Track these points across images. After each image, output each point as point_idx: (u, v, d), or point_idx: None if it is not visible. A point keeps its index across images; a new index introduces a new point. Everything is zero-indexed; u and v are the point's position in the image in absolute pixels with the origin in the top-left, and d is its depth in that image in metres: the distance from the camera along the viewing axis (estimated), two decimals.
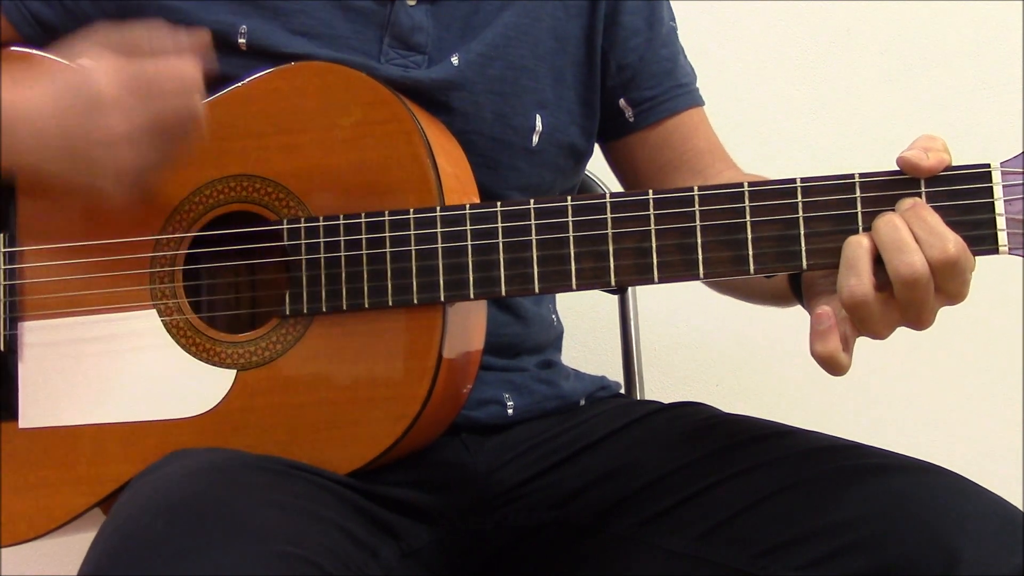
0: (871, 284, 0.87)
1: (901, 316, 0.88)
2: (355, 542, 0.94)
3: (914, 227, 0.87)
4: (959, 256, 0.86)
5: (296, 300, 1.02)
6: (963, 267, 0.86)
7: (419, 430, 1.00)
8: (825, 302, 0.92)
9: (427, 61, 1.12)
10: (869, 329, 0.89)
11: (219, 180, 1.05)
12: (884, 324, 0.88)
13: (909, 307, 0.87)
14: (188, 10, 1.09)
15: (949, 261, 0.86)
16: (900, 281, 0.86)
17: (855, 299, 0.87)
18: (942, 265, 0.86)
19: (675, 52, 1.25)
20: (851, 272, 0.87)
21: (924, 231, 0.86)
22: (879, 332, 0.89)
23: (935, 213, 0.87)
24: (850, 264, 0.88)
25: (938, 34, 1.77)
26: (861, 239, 0.88)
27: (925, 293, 0.86)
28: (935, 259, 0.86)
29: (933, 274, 0.86)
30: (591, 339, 1.71)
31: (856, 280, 0.87)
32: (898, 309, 0.88)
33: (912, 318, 0.88)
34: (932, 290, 0.87)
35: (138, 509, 0.89)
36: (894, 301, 0.87)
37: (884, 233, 0.87)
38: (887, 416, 1.74)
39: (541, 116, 1.15)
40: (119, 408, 1.06)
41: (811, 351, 0.90)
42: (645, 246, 0.94)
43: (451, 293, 0.98)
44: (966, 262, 0.87)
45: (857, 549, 0.90)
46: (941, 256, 0.86)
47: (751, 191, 0.91)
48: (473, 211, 0.98)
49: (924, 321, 0.88)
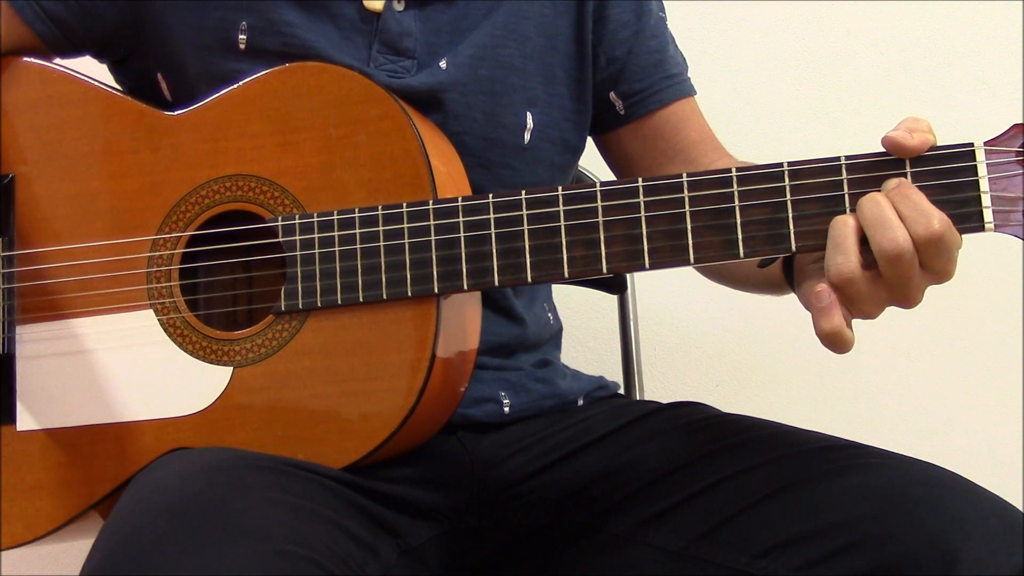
0: (858, 262, 0.87)
1: (889, 295, 0.89)
2: (355, 540, 0.94)
3: (898, 205, 0.87)
4: (943, 232, 0.86)
5: (291, 296, 1.02)
6: (948, 244, 0.87)
7: (415, 425, 1.00)
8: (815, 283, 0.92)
9: (416, 66, 1.12)
10: (858, 308, 0.89)
11: (215, 180, 1.06)
12: (872, 303, 0.89)
13: (895, 285, 0.88)
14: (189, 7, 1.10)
15: (933, 237, 0.86)
16: (884, 257, 0.87)
17: (843, 277, 0.88)
18: (926, 241, 0.86)
19: (664, 43, 1.25)
20: (837, 251, 0.88)
21: (909, 208, 0.87)
22: (868, 311, 0.89)
23: (920, 192, 0.88)
24: (836, 243, 0.88)
25: (938, 34, 1.78)
26: (847, 219, 0.89)
27: (910, 269, 0.87)
28: (919, 235, 0.86)
29: (917, 251, 0.87)
30: (591, 339, 1.71)
31: (843, 258, 0.88)
32: (885, 288, 0.88)
33: (899, 296, 0.89)
34: (917, 266, 0.87)
35: (139, 509, 0.89)
36: (881, 280, 0.88)
37: (867, 210, 0.88)
38: (887, 416, 1.73)
39: (532, 114, 1.16)
40: (116, 408, 1.06)
41: (816, 330, 0.90)
42: (635, 233, 0.94)
43: (445, 284, 0.98)
44: (951, 239, 0.87)
45: (856, 549, 0.90)
46: (925, 232, 0.86)
47: (739, 176, 0.92)
48: (465, 203, 0.98)
49: (911, 299, 0.89)
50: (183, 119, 1.08)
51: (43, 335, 1.09)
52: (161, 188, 1.07)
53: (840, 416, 1.69)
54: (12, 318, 1.10)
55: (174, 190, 1.07)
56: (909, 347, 1.70)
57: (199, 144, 1.07)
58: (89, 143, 1.10)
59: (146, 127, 1.09)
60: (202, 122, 1.07)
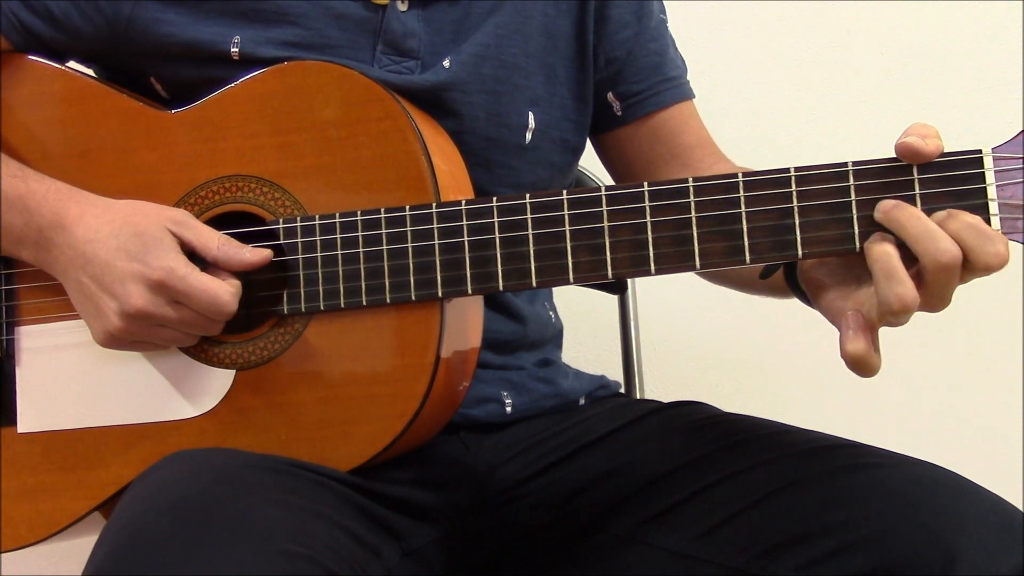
0: (914, 287, 0.87)
1: (924, 303, 0.88)
2: (358, 541, 0.94)
3: (946, 225, 0.87)
4: (991, 233, 0.86)
5: (294, 299, 1.02)
6: (994, 238, 0.87)
7: (418, 427, 1.00)
8: (836, 298, 0.92)
9: (420, 66, 1.12)
10: (899, 324, 0.89)
11: (214, 181, 1.05)
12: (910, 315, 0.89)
13: (935, 294, 0.88)
14: (178, 23, 1.09)
15: (984, 234, 0.86)
16: (939, 268, 0.86)
17: (906, 304, 0.86)
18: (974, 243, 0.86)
19: (664, 46, 1.25)
20: (894, 281, 0.87)
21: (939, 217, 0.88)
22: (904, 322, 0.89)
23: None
24: (889, 274, 0.87)
25: (938, 34, 1.78)
26: (886, 247, 0.88)
27: (955, 276, 0.87)
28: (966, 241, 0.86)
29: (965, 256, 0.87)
30: (591, 339, 1.71)
31: (902, 288, 0.86)
32: (924, 296, 0.88)
33: (936, 303, 0.88)
34: (959, 272, 0.87)
35: (142, 509, 0.89)
36: (922, 290, 0.87)
37: (913, 226, 0.87)
38: (887, 416, 1.74)
39: (534, 113, 1.16)
40: (118, 411, 1.06)
41: (842, 352, 0.89)
42: (641, 238, 0.94)
43: (449, 289, 0.98)
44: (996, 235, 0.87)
45: (856, 549, 0.90)
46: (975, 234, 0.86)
47: (745, 181, 0.92)
48: (469, 207, 0.98)
49: (946, 304, 0.89)
50: (182, 118, 1.08)
51: (43, 336, 1.09)
52: (160, 188, 1.06)
53: (840, 416, 1.69)
54: (12, 319, 1.10)
55: (173, 190, 1.06)
56: (909, 348, 1.70)
57: (198, 144, 1.06)
58: (86, 141, 1.09)
59: (144, 126, 1.08)
60: (201, 121, 1.07)
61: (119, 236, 1.00)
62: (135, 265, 0.99)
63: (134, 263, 0.99)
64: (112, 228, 1.01)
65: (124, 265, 0.99)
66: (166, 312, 0.99)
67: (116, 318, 1.00)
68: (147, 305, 0.99)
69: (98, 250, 1.01)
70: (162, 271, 0.98)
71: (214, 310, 0.99)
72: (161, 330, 1.01)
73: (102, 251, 1.00)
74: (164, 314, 0.99)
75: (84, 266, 1.01)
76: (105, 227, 1.01)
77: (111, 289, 1.00)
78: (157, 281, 0.98)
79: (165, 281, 0.98)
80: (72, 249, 1.02)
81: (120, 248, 1.00)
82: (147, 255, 0.99)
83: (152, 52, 1.10)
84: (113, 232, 1.01)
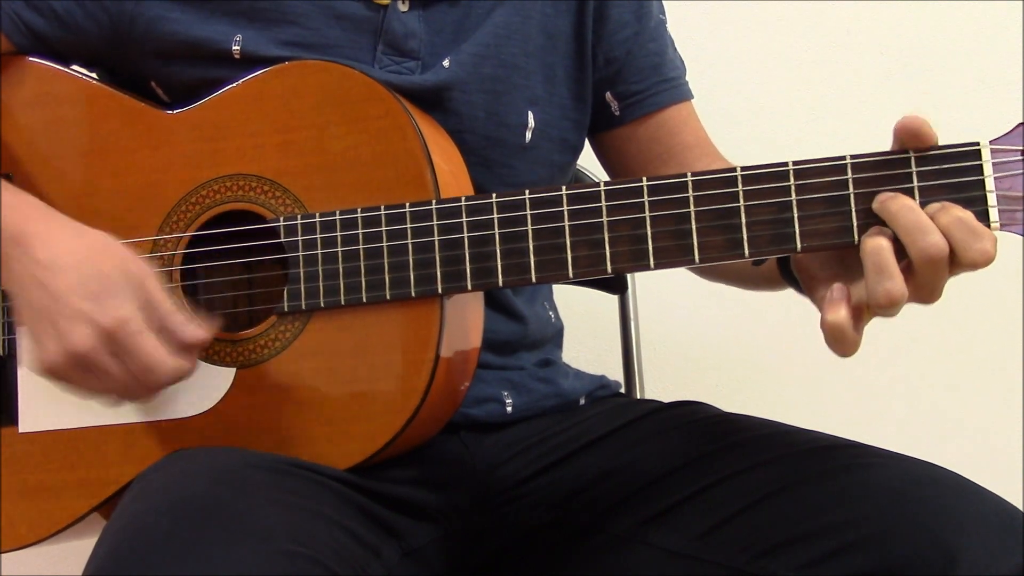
0: (903, 282, 0.87)
1: (914, 294, 0.88)
2: (358, 541, 0.94)
3: (937, 218, 0.87)
4: (976, 225, 0.86)
5: (294, 296, 1.02)
6: (981, 232, 0.87)
7: (418, 425, 1.00)
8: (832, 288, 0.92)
9: (420, 67, 1.12)
10: (890, 316, 0.89)
11: (215, 180, 1.06)
12: (901, 306, 0.89)
13: (925, 286, 0.88)
14: (182, 21, 1.09)
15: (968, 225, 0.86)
16: (928, 261, 0.86)
17: (894, 300, 0.87)
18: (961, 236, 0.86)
19: (663, 46, 1.25)
20: (883, 275, 0.87)
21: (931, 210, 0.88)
22: (894, 313, 0.89)
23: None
24: (880, 268, 0.87)
25: (938, 34, 1.78)
26: (880, 241, 0.88)
27: (945, 269, 0.87)
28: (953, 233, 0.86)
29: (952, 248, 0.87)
30: (591, 339, 1.71)
31: (891, 283, 0.87)
32: (912, 288, 0.88)
33: (926, 295, 0.88)
34: (947, 265, 0.87)
35: (143, 508, 0.89)
36: (911, 282, 0.88)
37: (903, 217, 0.87)
38: (887, 416, 1.74)
39: (533, 112, 1.16)
40: (119, 409, 1.05)
41: (821, 323, 0.89)
42: (640, 233, 0.94)
43: (448, 285, 0.98)
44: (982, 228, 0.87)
45: (857, 549, 0.90)
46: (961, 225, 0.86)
47: (744, 175, 0.92)
48: (469, 203, 0.98)
49: (937, 296, 0.89)
50: (183, 118, 1.08)
51: None
52: (161, 188, 1.07)
53: (840, 416, 1.69)
54: (12, 319, 1.10)
55: (174, 190, 1.07)
56: (909, 347, 1.70)
57: (199, 143, 1.07)
58: (88, 142, 1.10)
59: (145, 125, 1.09)
60: (202, 121, 1.07)
61: (80, 270, 0.96)
62: (89, 305, 0.94)
63: (88, 303, 0.94)
64: (74, 259, 0.96)
65: (78, 303, 0.94)
66: (106, 363, 0.95)
67: (55, 354, 0.95)
68: (89, 351, 0.94)
69: (55, 278, 0.96)
70: (115, 321, 0.94)
71: (149, 377, 0.95)
72: (93, 380, 0.96)
73: (59, 281, 0.95)
74: (102, 364, 0.95)
75: (36, 288, 0.96)
76: (67, 256, 0.97)
77: (57, 324, 0.95)
78: (107, 329, 0.94)
79: (115, 332, 0.94)
80: (27, 267, 0.97)
81: (80, 284, 0.95)
82: (105, 299, 0.95)
83: (154, 52, 1.10)
84: (75, 264, 0.96)
